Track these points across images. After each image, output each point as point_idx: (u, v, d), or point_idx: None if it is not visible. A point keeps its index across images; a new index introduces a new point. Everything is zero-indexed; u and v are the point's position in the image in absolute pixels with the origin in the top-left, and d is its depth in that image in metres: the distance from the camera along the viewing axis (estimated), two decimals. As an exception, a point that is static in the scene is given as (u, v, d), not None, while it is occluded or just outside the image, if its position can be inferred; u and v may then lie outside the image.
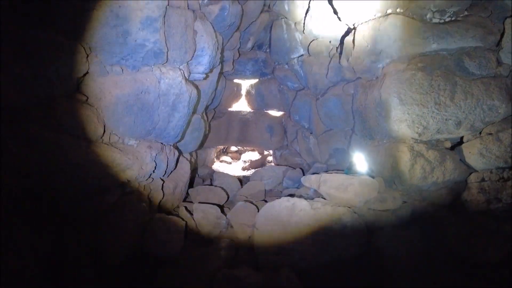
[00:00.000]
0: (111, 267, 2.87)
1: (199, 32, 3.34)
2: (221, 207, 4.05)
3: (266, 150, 7.68)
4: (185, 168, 4.20)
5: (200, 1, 3.41)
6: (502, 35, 3.19)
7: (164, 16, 2.88)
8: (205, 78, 3.91)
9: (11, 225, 2.38)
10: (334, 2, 3.93)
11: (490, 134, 3.16)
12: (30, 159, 2.63)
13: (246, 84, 6.96)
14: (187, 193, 4.42)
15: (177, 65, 3.21)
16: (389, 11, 3.45)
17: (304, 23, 4.96)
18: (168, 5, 2.90)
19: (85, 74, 2.70)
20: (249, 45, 5.50)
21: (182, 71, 3.23)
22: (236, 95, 6.92)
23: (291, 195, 4.02)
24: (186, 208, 3.84)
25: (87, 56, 2.65)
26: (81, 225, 2.87)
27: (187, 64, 3.42)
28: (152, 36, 2.79)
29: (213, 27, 3.59)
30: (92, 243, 2.86)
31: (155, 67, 3.00)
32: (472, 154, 3.18)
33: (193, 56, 3.38)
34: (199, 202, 3.93)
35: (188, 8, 3.21)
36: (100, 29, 2.56)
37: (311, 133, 5.59)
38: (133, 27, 2.67)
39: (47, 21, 2.42)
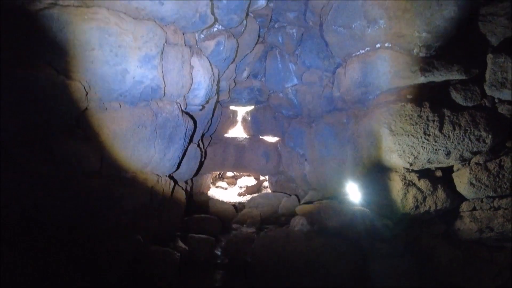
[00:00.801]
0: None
1: (195, 67, 3.46)
2: (216, 237, 4.05)
3: (262, 176, 7.71)
4: (180, 197, 4.22)
5: (197, 37, 3.56)
6: (485, 69, 3.33)
7: (162, 53, 3.00)
8: (201, 109, 4.01)
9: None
10: (325, 36, 4.09)
11: (479, 164, 3.24)
12: (26, 190, 2.67)
13: (242, 111, 7.08)
14: (183, 222, 4.42)
15: (174, 99, 3.31)
16: (378, 45, 3.59)
17: (297, 54, 5.15)
18: (166, 42, 3.03)
19: (84, 110, 2.78)
20: (245, 74, 5.65)
21: (179, 104, 3.33)
22: (232, 122, 7.03)
23: (286, 224, 4.05)
24: (181, 238, 3.83)
25: (86, 93, 2.74)
26: (76, 253, 2.87)
27: (184, 97, 3.52)
28: (150, 73, 2.89)
29: (209, 61, 3.72)
30: (87, 272, 2.86)
31: (152, 101, 3.09)
32: (463, 183, 3.25)
33: (189, 90, 3.49)
34: (194, 232, 3.92)
35: (185, 45, 3.35)
36: (99, 68, 2.66)
37: (306, 159, 5.65)
38: (131, 65, 2.78)
39: (49, 61, 2.52)
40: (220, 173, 8.35)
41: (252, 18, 4.51)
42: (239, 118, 7.11)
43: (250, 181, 7.85)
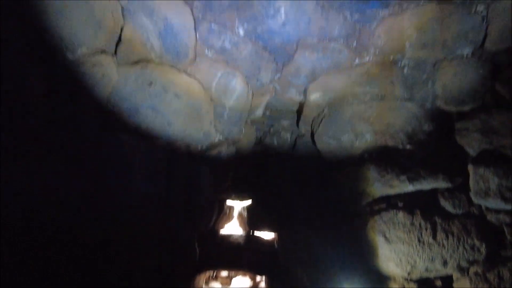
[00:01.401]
0: None
1: (197, 176, 3.68)
2: None
3: (258, 276, 7.37)
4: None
5: (200, 148, 3.84)
6: (468, 177, 3.55)
7: (167, 168, 3.24)
8: (200, 214, 4.11)
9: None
10: (317, 144, 4.43)
11: (478, 274, 3.24)
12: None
13: (238, 206, 7.13)
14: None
15: (177, 208, 3.44)
16: (366, 155, 3.90)
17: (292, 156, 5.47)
18: (171, 157, 3.29)
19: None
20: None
21: (181, 213, 3.45)
22: (229, 217, 7.00)
23: (287, 338, 3.79)
24: None
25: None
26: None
27: (186, 204, 3.66)
28: (154, 187, 3.08)
29: (210, 169, 3.96)
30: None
31: (156, 213, 3.21)
32: (465, 295, 3.20)
33: (191, 198, 3.64)
34: None
35: (189, 157, 3.61)
36: (109, 187, 2.86)
37: (303, 259, 5.53)
38: (138, 180, 2.98)
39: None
40: (213, 272, 7.97)
41: (250, 125, 4.92)
42: (235, 213, 7.11)
43: (245, 281, 7.44)
